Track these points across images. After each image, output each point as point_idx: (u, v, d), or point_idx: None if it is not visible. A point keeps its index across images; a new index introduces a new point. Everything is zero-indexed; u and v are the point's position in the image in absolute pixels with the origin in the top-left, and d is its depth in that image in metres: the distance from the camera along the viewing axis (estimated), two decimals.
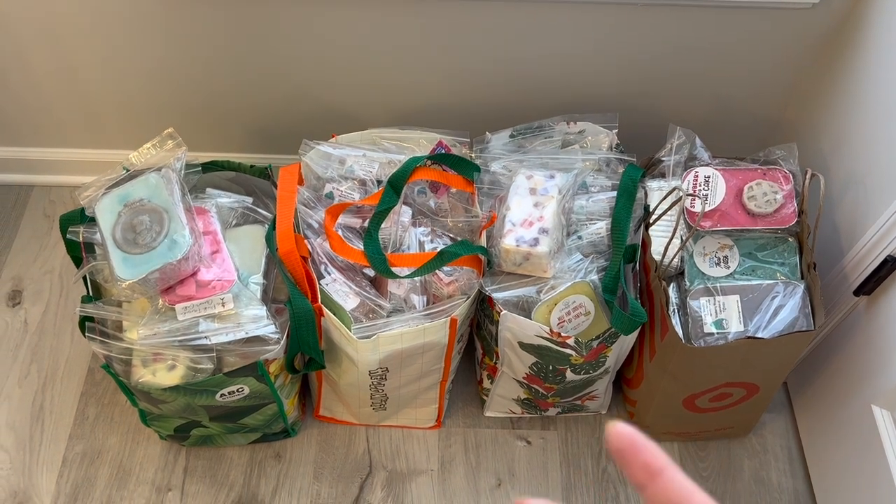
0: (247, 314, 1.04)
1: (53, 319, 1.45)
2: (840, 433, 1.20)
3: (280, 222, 1.10)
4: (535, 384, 1.22)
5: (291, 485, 1.29)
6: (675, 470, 0.28)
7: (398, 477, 1.30)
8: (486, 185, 1.18)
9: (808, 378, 1.32)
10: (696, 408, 1.21)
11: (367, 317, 1.10)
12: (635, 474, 0.28)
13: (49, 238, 1.55)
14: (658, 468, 0.28)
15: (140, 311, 1.07)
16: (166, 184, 1.06)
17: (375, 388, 1.19)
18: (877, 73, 1.10)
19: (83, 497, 1.27)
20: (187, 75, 1.34)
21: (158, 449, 1.32)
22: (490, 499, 1.28)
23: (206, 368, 1.06)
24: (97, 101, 1.41)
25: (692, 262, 1.11)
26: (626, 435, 0.28)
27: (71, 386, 1.38)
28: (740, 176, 1.13)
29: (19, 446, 1.31)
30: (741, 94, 1.34)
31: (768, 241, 1.12)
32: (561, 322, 1.08)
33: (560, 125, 1.21)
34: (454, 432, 1.35)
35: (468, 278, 1.11)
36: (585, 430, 1.36)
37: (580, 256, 1.11)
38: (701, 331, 1.08)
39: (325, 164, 1.19)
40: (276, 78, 1.33)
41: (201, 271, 1.04)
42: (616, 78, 1.31)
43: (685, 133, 1.16)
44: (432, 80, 1.33)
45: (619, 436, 0.28)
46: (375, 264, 1.09)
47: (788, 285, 1.08)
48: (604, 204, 1.15)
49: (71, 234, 1.10)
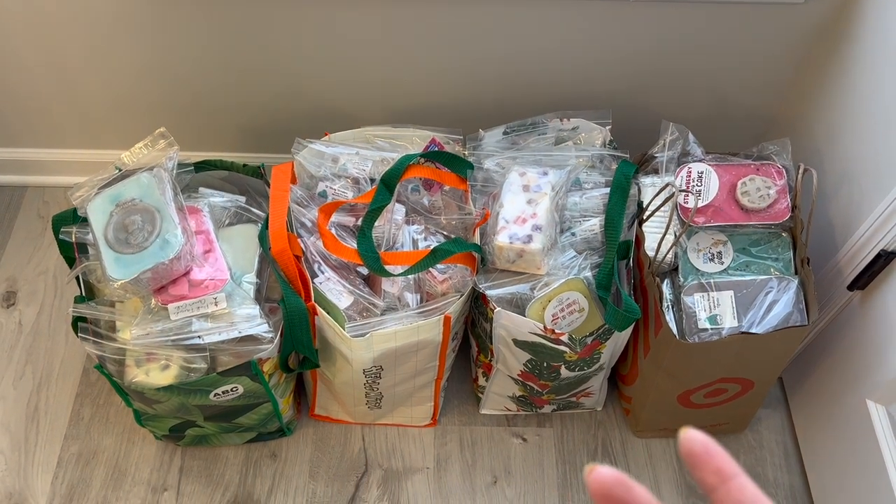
0: (240, 313, 1.04)
1: (48, 320, 1.45)
2: (835, 428, 1.20)
3: (273, 221, 1.10)
4: (530, 381, 1.22)
5: (287, 484, 1.29)
6: (746, 477, 0.30)
7: (394, 475, 1.30)
8: (480, 182, 1.18)
9: (803, 373, 1.32)
10: (692, 404, 1.21)
11: (361, 315, 1.10)
12: (706, 477, 0.29)
13: (43, 239, 1.55)
14: (730, 473, 0.29)
15: (133, 310, 1.07)
16: (158, 183, 1.05)
17: (370, 386, 1.19)
18: (870, 67, 1.10)
19: (79, 498, 1.27)
20: (179, 75, 1.34)
21: (154, 449, 1.32)
22: (486, 496, 1.28)
23: (200, 368, 1.06)
24: (90, 102, 1.41)
25: (686, 258, 1.11)
26: (699, 440, 0.29)
27: (66, 387, 1.38)
28: (733, 171, 1.12)
29: (14, 447, 1.31)
30: (734, 90, 1.34)
31: (762, 236, 1.12)
32: (555, 319, 1.08)
33: (553, 122, 1.21)
34: (450, 430, 1.35)
35: (462, 276, 1.11)
36: (581, 426, 1.36)
37: (574, 253, 1.11)
38: (695, 326, 1.08)
39: (318, 163, 1.19)
40: (269, 76, 1.33)
41: (194, 271, 1.04)
42: (609, 74, 1.31)
43: (678, 129, 1.16)
44: (425, 78, 1.32)
45: (692, 440, 0.29)
46: (369, 262, 1.08)
47: (782, 280, 1.08)
48: (597, 200, 1.15)
49: (63, 234, 1.10)
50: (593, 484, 0.29)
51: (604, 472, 0.29)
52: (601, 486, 0.29)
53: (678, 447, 0.29)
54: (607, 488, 0.29)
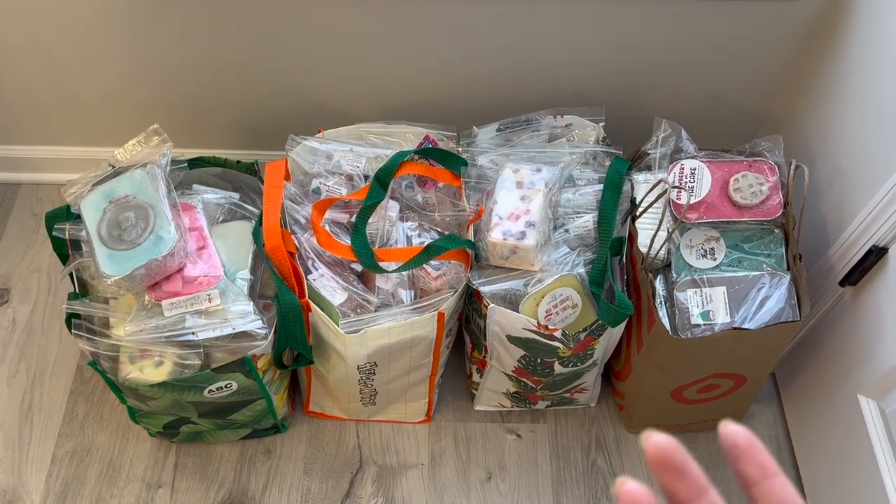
0: (234, 310, 1.04)
1: (41, 318, 1.45)
2: (827, 423, 1.21)
3: (267, 218, 1.10)
4: (523, 377, 1.22)
5: (282, 480, 1.29)
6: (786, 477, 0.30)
7: (388, 471, 1.31)
8: (474, 179, 1.18)
9: (795, 369, 1.32)
10: (685, 399, 1.22)
11: (355, 311, 1.10)
12: (749, 471, 0.30)
13: (37, 236, 1.55)
14: (773, 470, 0.30)
15: (126, 307, 1.07)
16: (151, 180, 1.05)
17: (364, 382, 1.19)
18: (862, 65, 1.10)
19: (73, 495, 1.27)
20: (173, 71, 1.34)
21: (148, 446, 1.32)
22: (480, 492, 1.29)
23: (194, 364, 1.06)
24: (82, 99, 1.41)
25: (679, 254, 1.12)
26: (743, 433, 0.30)
27: (60, 384, 1.37)
28: (726, 168, 1.13)
29: (8, 445, 1.31)
30: (727, 87, 1.35)
31: (754, 232, 1.12)
32: (548, 315, 1.09)
33: (547, 119, 1.21)
34: (444, 426, 1.35)
35: (456, 272, 1.11)
36: (575, 422, 1.36)
37: (567, 249, 1.12)
38: (688, 322, 1.08)
39: (311, 160, 1.19)
40: (263, 73, 1.33)
41: (187, 267, 1.04)
42: (602, 71, 1.31)
43: (671, 126, 1.16)
44: (419, 75, 1.32)
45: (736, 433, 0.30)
46: (363, 259, 1.09)
47: (774, 276, 1.09)
48: (590, 197, 1.15)
49: (57, 231, 1.10)
50: (651, 448, 0.29)
51: (660, 438, 0.29)
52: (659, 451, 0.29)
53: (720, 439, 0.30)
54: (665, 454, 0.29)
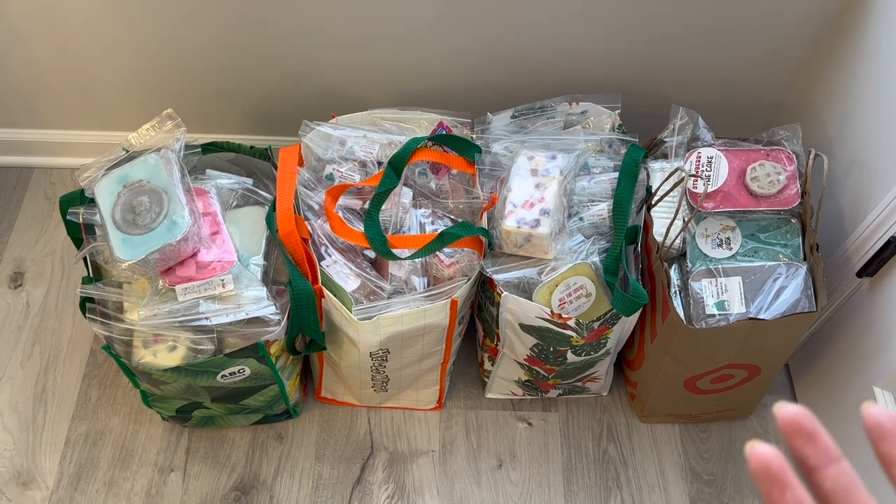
0: (247, 295, 1.04)
1: (55, 301, 1.45)
2: (841, 414, 1.20)
3: (280, 204, 1.09)
4: (535, 366, 1.22)
5: (293, 466, 1.30)
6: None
7: (399, 458, 1.31)
8: (488, 166, 1.18)
9: (810, 360, 1.32)
10: (698, 389, 1.21)
11: (368, 298, 1.10)
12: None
13: (50, 220, 1.55)
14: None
15: (140, 292, 1.07)
16: (165, 164, 1.05)
17: (376, 369, 1.19)
18: (882, 54, 1.09)
19: (86, 478, 1.27)
20: (187, 56, 1.33)
21: (161, 430, 1.32)
22: (491, 480, 1.29)
23: (207, 349, 1.06)
24: (96, 83, 1.41)
25: (694, 244, 1.11)
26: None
27: (73, 367, 1.38)
28: (743, 157, 1.12)
29: (22, 427, 1.32)
30: (745, 75, 1.33)
31: (771, 222, 1.11)
32: (562, 303, 1.08)
33: (562, 106, 1.20)
34: (455, 414, 1.35)
35: (469, 260, 1.11)
36: (586, 411, 1.36)
37: (581, 238, 1.11)
38: (702, 312, 1.07)
39: (325, 146, 1.18)
40: (277, 58, 1.33)
41: (201, 252, 1.04)
42: (619, 58, 1.30)
43: (688, 113, 1.15)
44: (433, 61, 1.32)
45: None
46: (376, 246, 1.08)
47: (791, 267, 1.08)
48: (605, 185, 1.14)
49: (71, 215, 1.10)
50: (782, 414, 0.29)
51: (792, 406, 0.29)
52: (790, 416, 0.29)
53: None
54: (796, 418, 0.29)
